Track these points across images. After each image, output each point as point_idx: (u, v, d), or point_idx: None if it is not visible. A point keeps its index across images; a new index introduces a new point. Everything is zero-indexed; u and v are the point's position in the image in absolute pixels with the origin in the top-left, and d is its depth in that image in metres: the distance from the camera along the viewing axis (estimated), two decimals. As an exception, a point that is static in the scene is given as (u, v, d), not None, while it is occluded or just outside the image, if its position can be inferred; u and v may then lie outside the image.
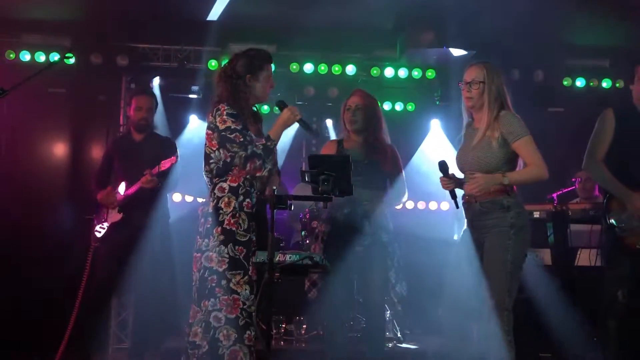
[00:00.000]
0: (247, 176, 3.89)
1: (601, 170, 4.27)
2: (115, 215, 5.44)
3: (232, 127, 3.85)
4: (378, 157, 4.57)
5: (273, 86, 4.11)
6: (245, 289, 3.78)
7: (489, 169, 3.82)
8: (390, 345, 6.05)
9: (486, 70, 3.89)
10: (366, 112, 4.66)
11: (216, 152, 3.90)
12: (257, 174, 3.90)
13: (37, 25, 7.04)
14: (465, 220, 4.12)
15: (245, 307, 3.76)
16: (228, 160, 3.87)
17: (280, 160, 4.41)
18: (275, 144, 3.95)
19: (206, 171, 3.98)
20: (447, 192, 3.98)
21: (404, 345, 6.30)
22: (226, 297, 3.76)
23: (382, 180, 4.64)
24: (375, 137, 4.67)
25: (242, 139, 3.84)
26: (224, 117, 3.87)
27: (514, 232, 3.77)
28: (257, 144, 3.88)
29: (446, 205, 7.99)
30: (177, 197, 7.75)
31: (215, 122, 3.90)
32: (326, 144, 4.95)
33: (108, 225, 5.42)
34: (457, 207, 3.96)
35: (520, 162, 3.88)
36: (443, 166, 3.92)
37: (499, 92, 3.89)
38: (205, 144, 3.98)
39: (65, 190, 7.39)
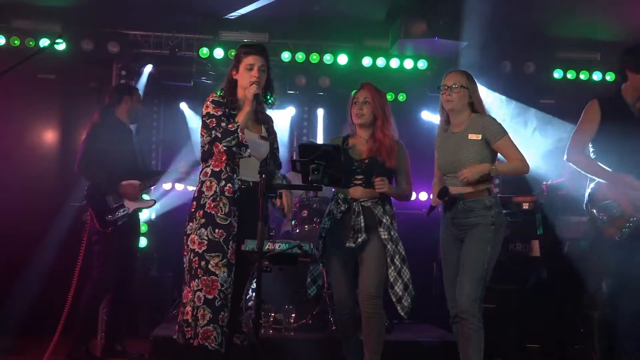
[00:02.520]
0: (229, 162, 4.01)
1: (582, 156, 4.28)
2: (136, 203, 5.50)
3: (211, 113, 4.02)
4: (381, 154, 4.46)
5: (255, 76, 4.10)
6: (223, 272, 3.89)
7: None
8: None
9: (467, 77, 4.26)
10: (373, 106, 4.56)
11: (203, 137, 4.06)
12: (223, 158, 4.01)
13: (27, 10, 6.99)
14: (444, 218, 4.29)
15: (222, 289, 3.87)
16: (210, 144, 4.04)
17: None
18: (239, 126, 3.99)
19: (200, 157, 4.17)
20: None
21: (393, 335, 6.31)
22: (205, 277, 3.88)
23: (385, 177, 4.49)
24: (382, 132, 4.53)
25: (214, 124, 3.99)
26: (208, 103, 4.08)
27: (494, 228, 4.10)
28: (222, 127, 4.00)
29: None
30: (167, 185, 7.73)
31: (202, 109, 4.09)
32: (332, 140, 4.84)
33: (129, 212, 5.42)
34: (427, 215, 4.35)
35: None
36: (445, 192, 4.18)
37: (476, 98, 4.25)
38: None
39: (55, 177, 7.36)
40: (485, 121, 4.19)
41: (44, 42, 6.93)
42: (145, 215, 7.53)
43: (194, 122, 7.74)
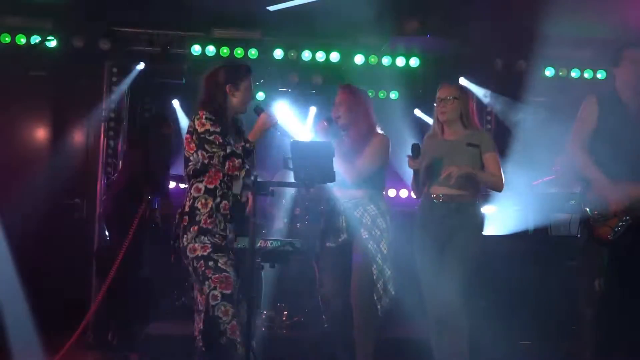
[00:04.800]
0: (225, 178, 3.96)
1: (584, 158, 4.28)
2: None
3: (212, 130, 3.93)
4: (357, 154, 4.50)
5: (253, 98, 4.18)
6: (232, 271, 3.89)
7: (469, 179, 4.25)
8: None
9: (459, 88, 4.43)
10: (348, 107, 4.56)
11: (194, 154, 3.98)
12: (236, 173, 3.95)
13: (18, 7, 6.95)
14: (426, 220, 4.30)
15: (235, 284, 3.87)
16: (206, 161, 3.93)
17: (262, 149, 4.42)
18: (253, 146, 4.00)
19: (185, 174, 4.08)
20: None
21: (386, 332, 6.32)
22: (217, 275, 3.84)
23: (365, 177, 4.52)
24: (358, 131, 4.56)
25: (221, 140, 3.92)
26: (203, 120, 3.95)
27: (480, 228, 4.32)
28: (236, 145, 3.97)
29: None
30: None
31: (194, 125, 3.97)
32: None
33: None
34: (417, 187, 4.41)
35: None
36: (417, 149, 4.24)
37: (466, 109, 4.36)
38: (184, 148, 4.06)
39: (46, 175, 7.33)
40: (483, 134, 4.42)
41: (35, 39, 6.90)
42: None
43: (185, 120, 7.72)
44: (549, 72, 7.73)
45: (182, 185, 7.14)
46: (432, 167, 4.35)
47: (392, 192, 8.34)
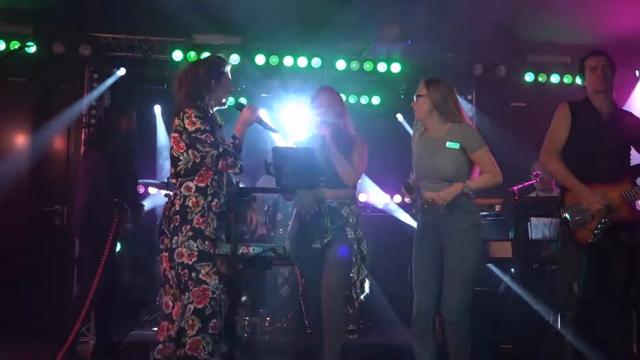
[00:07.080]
0: (215, 177, 3.93)
1: (557, 164, 4.35)
2: None
3: (202, 128, 3.88)
4: (347, 157, 4.54)
5: (232, 91, 4.10)
6: (215, 279, 3.84)
7: (448, 177, 4.12)
8: (352, 337, 6.08)
9: (427, 85, 4.20)
10: (336, 110, 4.61)
11: (184, 154, 3.93)
12: (230, 171, 3.94)
13: (-3, 12, 6.92)
14: (422, 221, 4.25)
15: (214, 296, 3.82)
16: (197, 160, 3.89)
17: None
18: (242, 142, 3.97)
19: (172, 174, 4.01)
20: None
21: (367, 338, 6.34)
22: (197, 288, 3.81)
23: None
24: (345, 134, 4.62)
25: (213, 139, 3.88)
26: (193, 119, 3.90)
27: (475, 231, 4.14)
28: (227, 142, 3.94)
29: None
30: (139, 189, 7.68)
31: (184, 124, 3.91)
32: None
33: None
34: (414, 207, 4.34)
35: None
36: (409, 187, 4.20)
37: (443, 105, 4.17)
38: (172, 147, 4.00)
39: (27, 180, 7.29)
40: (464, 131, 4.16)
41: (15, 45, 6.85)
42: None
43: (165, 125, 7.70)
44: (528, 77, 7.80)
45: (163, 192, 7.13)
46: (415, 171, 4.30)
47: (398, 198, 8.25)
